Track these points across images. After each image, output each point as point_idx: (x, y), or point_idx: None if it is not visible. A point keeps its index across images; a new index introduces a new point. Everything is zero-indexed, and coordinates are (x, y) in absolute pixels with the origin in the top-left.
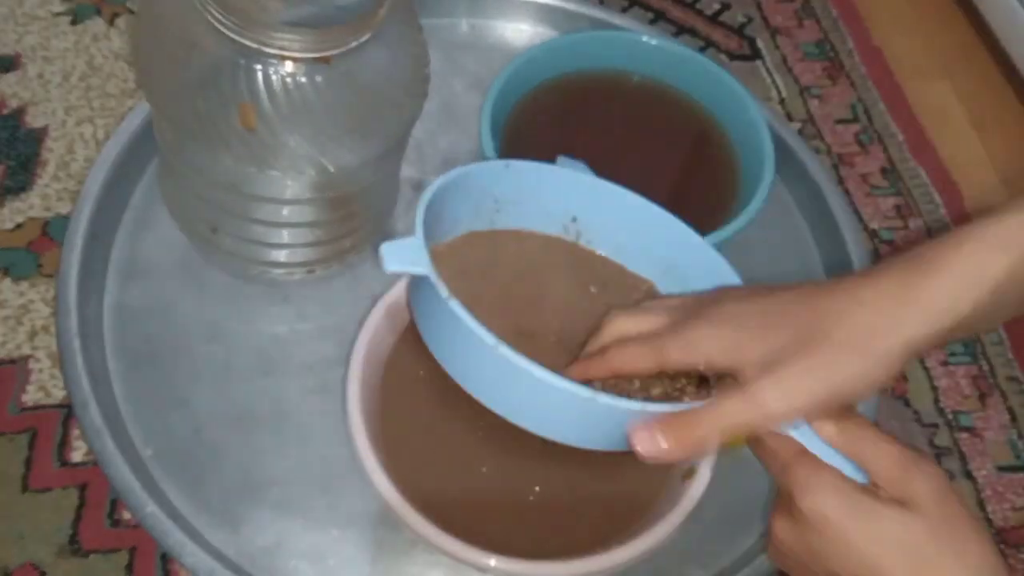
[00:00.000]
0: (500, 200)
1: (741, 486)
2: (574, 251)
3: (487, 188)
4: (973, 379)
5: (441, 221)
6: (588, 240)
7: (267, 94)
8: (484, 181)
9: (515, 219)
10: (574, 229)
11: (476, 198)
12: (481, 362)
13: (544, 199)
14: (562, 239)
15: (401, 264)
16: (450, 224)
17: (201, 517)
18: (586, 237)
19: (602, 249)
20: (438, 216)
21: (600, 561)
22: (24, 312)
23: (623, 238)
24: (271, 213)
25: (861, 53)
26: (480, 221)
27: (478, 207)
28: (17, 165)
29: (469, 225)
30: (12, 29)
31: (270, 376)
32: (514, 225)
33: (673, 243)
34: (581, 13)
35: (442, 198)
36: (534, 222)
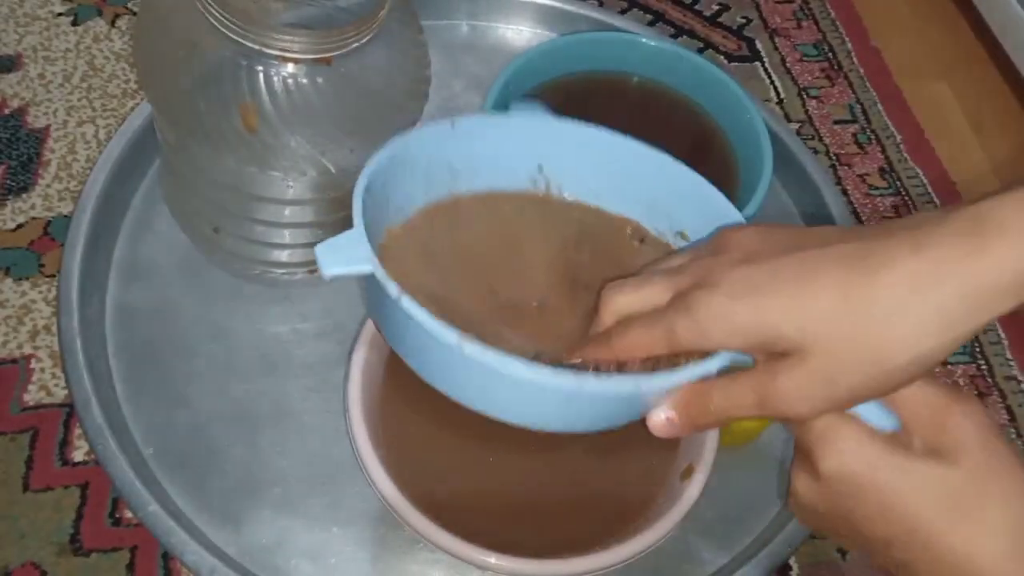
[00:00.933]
0: (454, 165)
1: (740, 485)
2: (546, 203)
3: (436, 155)
4: (971, 378)
5: (391, 202)
6: (559, 188)
7: (268, 95)
8: (430, 148)
9: (476, 181)
10: (542, 180)
11: (426, 168)
12: (450, 362)
13: (503, 153)
14: (531, 193)
15: (341, 265)
16: (403, 202)
17: (202, 516)
18: (556, 185)
19: (576, 195)
20: (385, 199)
21: (599, 559)
22: (26, 312)
23: (597, 180)
24: (272, 213)
25: (859, 54)
26: (437, 191)
27: (430, 177)
28: (18, 165)
29: (425, 198)
30: (13, 29)
31: (271, 375)
32: (476, 188)
33: (653, 176)
34: (580, 14)
35: (384, 178)
36: (497, 181)
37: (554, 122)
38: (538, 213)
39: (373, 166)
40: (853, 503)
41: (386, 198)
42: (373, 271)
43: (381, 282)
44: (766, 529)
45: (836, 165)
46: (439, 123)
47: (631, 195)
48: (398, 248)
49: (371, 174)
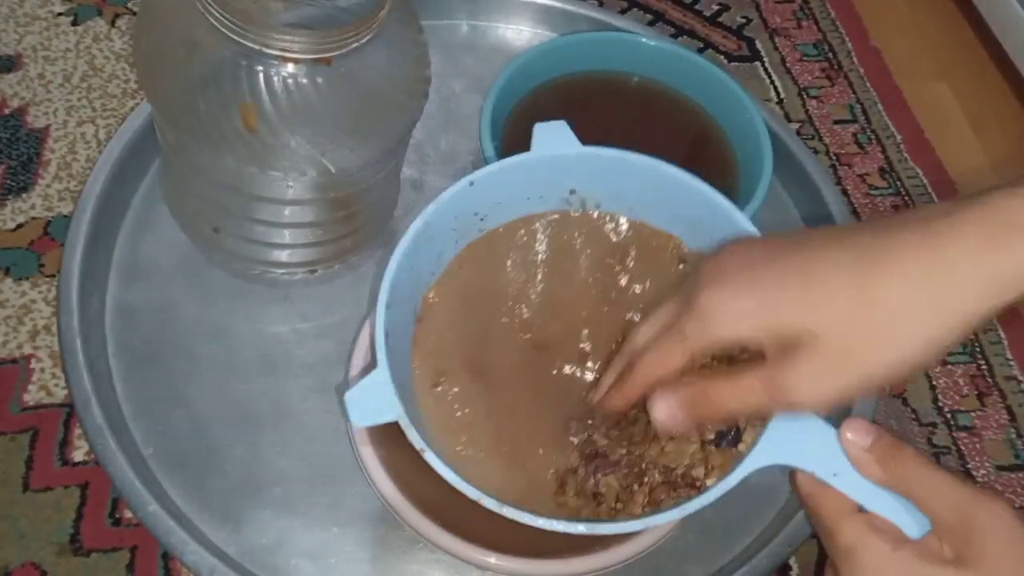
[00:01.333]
0: (481, 212)
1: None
2: (584, 219)
3: (461, 211)
4: (971, 378)
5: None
6: (596, 205)
7: (268, 95)
8: (453, 209)
9: (506, 215)
10: (577, 200)
11: (452, 225)
12: None
13: (530, 189)
14: (565, 213)
15: (369, 416)
16: (433, 264)
17: (202, 516)
18: (592, 203)
19: (616, 209)
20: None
21: (600, 559)
22: (26, 312)
23: (632, 199)
24: (272, 213)
25: (859, 54)
26: (467, 237)
27: (459, 231)
28: (18, 165)
29: (456, 248)
30: (13, 29)
31: (271, 375)
32: (507, 219)
33: (690, 201)
34: (580, 14)
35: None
36: (529, 209)
37: (579, 149)
38: (573, 230)
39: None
40: None
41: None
42: (399, 420)
43: (407, 433)
44: (766, 529)
45: (836, 165)
46: (457, 186)
47: (671, 214)
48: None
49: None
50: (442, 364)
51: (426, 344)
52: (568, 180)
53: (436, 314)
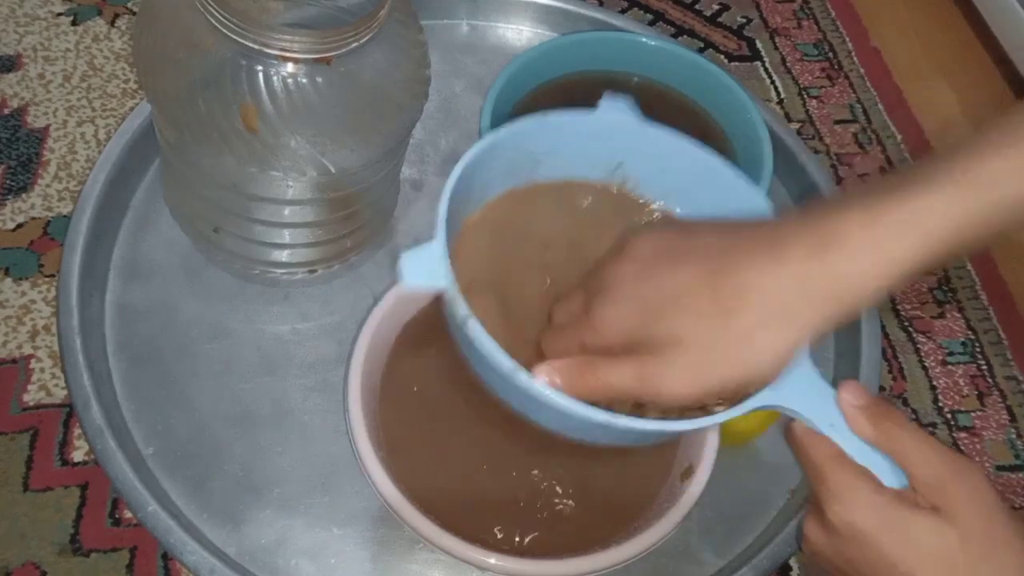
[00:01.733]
0: (538, 154)
1: (739, 486)
2: (620, 198)
3: (522, 147)
4: (972, 378)
5: (471, 192)
6: (635, 186)
7: (268, 95)
8: (517, 141)
9: (556, 169)
10: (620, 174)
11: (510, 159)
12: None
13: (587, 146)
14: (607, 187)
15: (422, 278)
16: (481, 191)
17: (202, 516)
18: (633, 181)
19: (650, 195)
20: (466, 191)
21: (599, 560)
22: (25, 312)
23: (672, 184)
24: (272, 213)
25: (860, 54)
26: (517, 178)
27: (513, 167)
28: (18, 165)
29: (503, 185)
30: (13, 29)
31: (271, 375)
32: (555, 176)
33: (725, 191)
34: (580, 14)
35: (469, 175)
36: (577, 170)
37: (640, 124)
38: (609, 206)
39: (462, 167)
40: (857, 551)
41: (466, 192)
42: (447, 289)
43: (452, 302)
44: (766, 529)
45: (837, 165)
46: (530, 119)
47: (701, 204)
48: (472, 236)
49: (460, 175)
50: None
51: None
52: (620, 149)
53: (472, 237)
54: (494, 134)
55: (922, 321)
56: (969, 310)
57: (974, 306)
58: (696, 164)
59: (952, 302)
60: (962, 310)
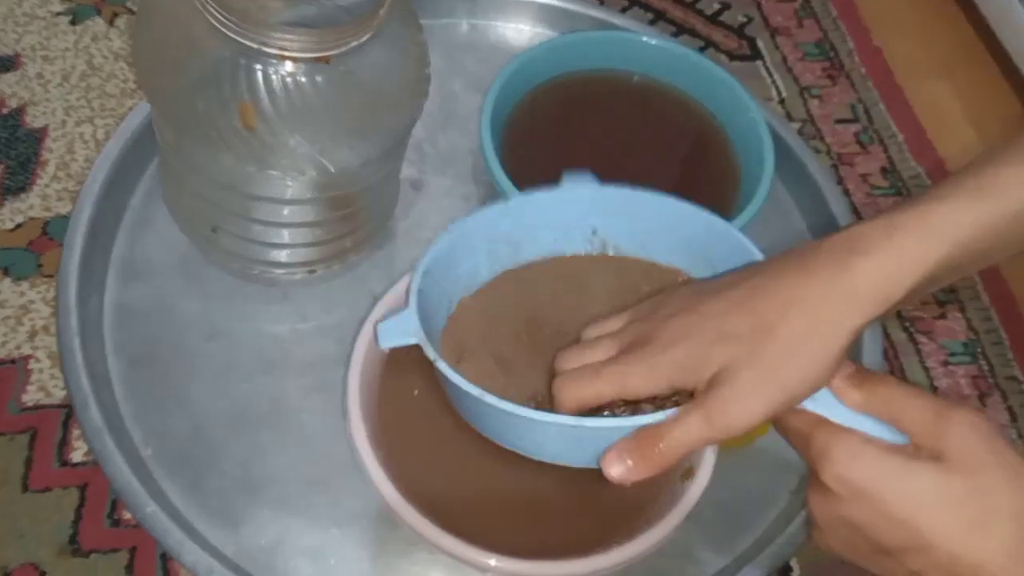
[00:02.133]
0: (513, 238)
1: (740, 486)
2: (604, 261)
3: (495, 232)
4: (973, 379)
5: (459, 276)
6: (615, 247)
7: (267, 94)
8: (488, 227)
9: (536, 249)
10: (598, 241)
11: (488, 245)
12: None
13: (558, 222)
14: (589, 254)
15: (395, 339)
16: (470, 275)
17: (201, 516)
18: (612, 245)
19: (630, 251)
20: (454, 274)
21: (599, 561)
22: (24, 312)
23: (646, 237)
24: (271, 213)
25: (861, 53)
26: (501, 263)
27: (493, 252)
28: (17, 165)
29: (491, 271)
30: (12, 29)
31: (270, 375)
32: (537, 255)
33: (696, 231)
34: (581, 13)
35: (447, 259)
36: (556, 246)
37: (604, 190)
38: (597, 269)
39: (433, 253)
40: (859, 511)
41: (454, 274)
42: (419, 342)
43: (423, 348)
44: (767, 530)
45: (838, 165)
46: (493, 206)
47: (679, 248)
48: (467, 314)
49: (431, 260)
50: (467, 345)
51: (455, 331)
52: (590, 217)
53: (466, 319)
54: (461, 223)
55: (923, 322)
56: (970, 310)
57: (975, 306)
58: (662, 212)
59: (953, 302)
60: (963, 310)
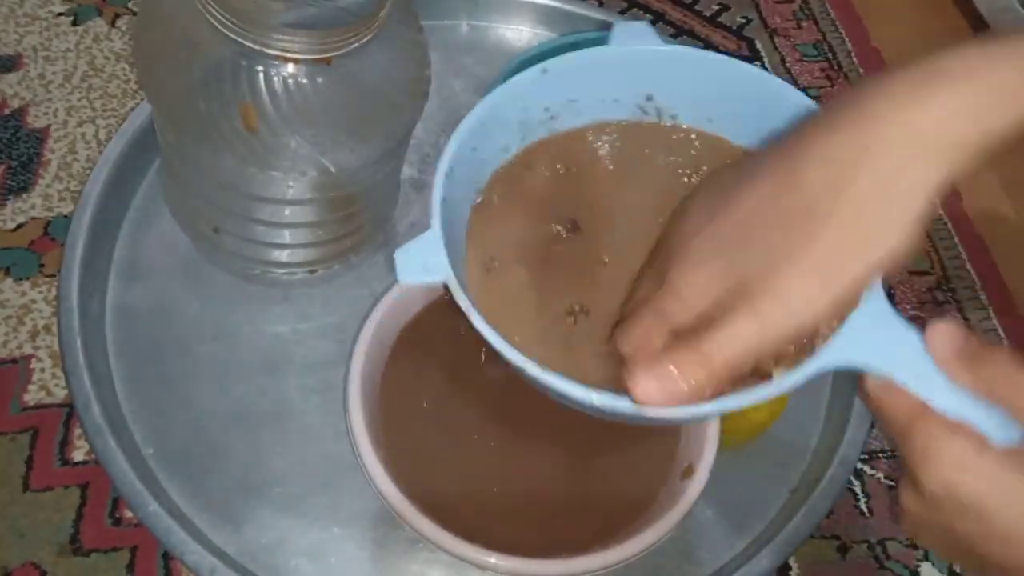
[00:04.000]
0: (551, 108)
1: (740, 486)
2: (659, 130)
3: (530, 103)
4: None
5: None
6: (673, 116)
7: (268, 95)
8: (522, 99)
9: (577, 119)
10: (652, 108)
11: (520, 117)
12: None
13: (605, 89)
14: (640, 123)
15: (418, 275)
16: (498, 155)
17: (203, 516)
18: (669, 113)
19: (693, 122)
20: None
21: (599, 559)
22: (26, 312)
23: (713, 108)
24: (273, 213)
25: (859, 54)
26: (535, 133)
27: (526, 123)
28: (18, 165)
29: (522, 143)
30: (13, 29)
31: (272, 375)
32: (578, 124)
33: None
34: (580, 14)
35: (472, 144)
36: (602, 114)
37: (659, 49)
38: (650, 141)
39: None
40: (960, 522)
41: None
42: (447, 282)
43: (453, 294)
44: (766, 529)
45: None
46: (528, 74)
47: (750, 125)
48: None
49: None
50: (495, 252)
51: (481, 232)
52: (645, 84)
53: (494, 214)
54: (488, 99)
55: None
56: (969, 310)
57: (974, 306)
58: (734, 78)
59: (952, 302)
60: (962, 310)
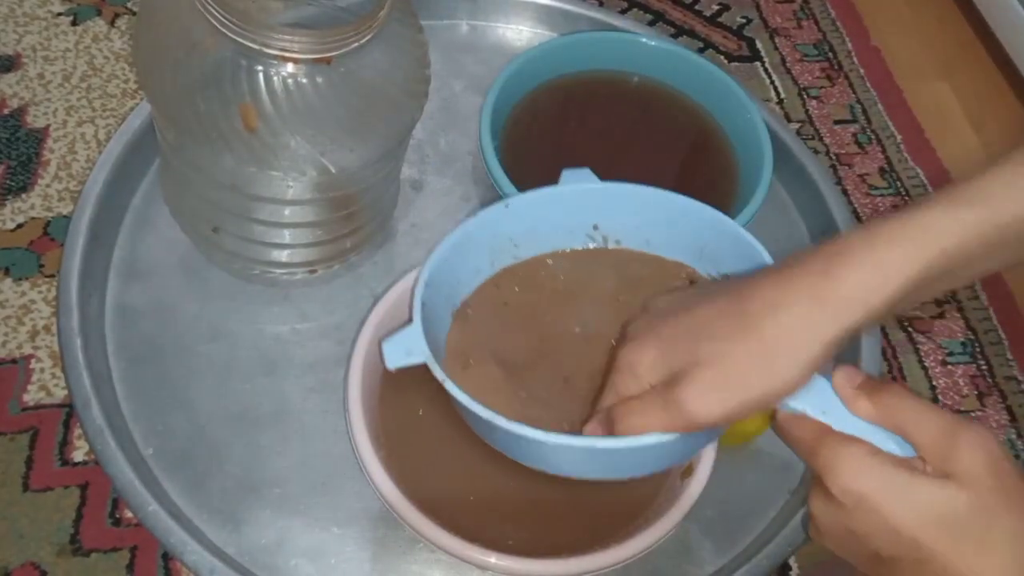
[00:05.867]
0: (514, 238)
1: (739, 486)
2: (605, 254)
3: (496, 232)
4: (972, 379)
5: (460, 281)
6: (616, 241)
7: (268, 95)
8: (489, 229)
9: (537, 247)
10: (599, 236)
11: (489, 245)
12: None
13: (559, 220)
14: (589, 250)
15: (402, 359)
16: (471, 275)
17: (202, 516)
18: (613, 239)
19: (633, 245)
20: (454, 279)
21: (599, 559)
22: (25, 312)
23: (650, 232)
24: (272, 213)
25: (859, 54)
26: (502, 261)
27: (494, 251)
28: (18, 165)
29: (492, 269)
30: (12, 29)
31: (271, 375)
32: (538, 252)
33: (700, 227)
34: (580, 14)
35: (449, 265)
36: (557, 243)
37: (604, 187)
38: (599, 263)
39: (434, 262)
40: (860, 520)
41: (456, 277)
42: (426, 361)
43: (432, 369)
44: (766, 529)
45: (836, 165)
46: (493, 207)
47: (683, 244)
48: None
49: (433, 269)
50: (473, 354)
51: (460, 335)
52: (591, 213)
53: (471, 323)
54: (462, 227)
55: (922, 321)
56: (969, 310)
57: (974, 306)
58: (662, 207)
59: (952, 302)
60: (962, 310)
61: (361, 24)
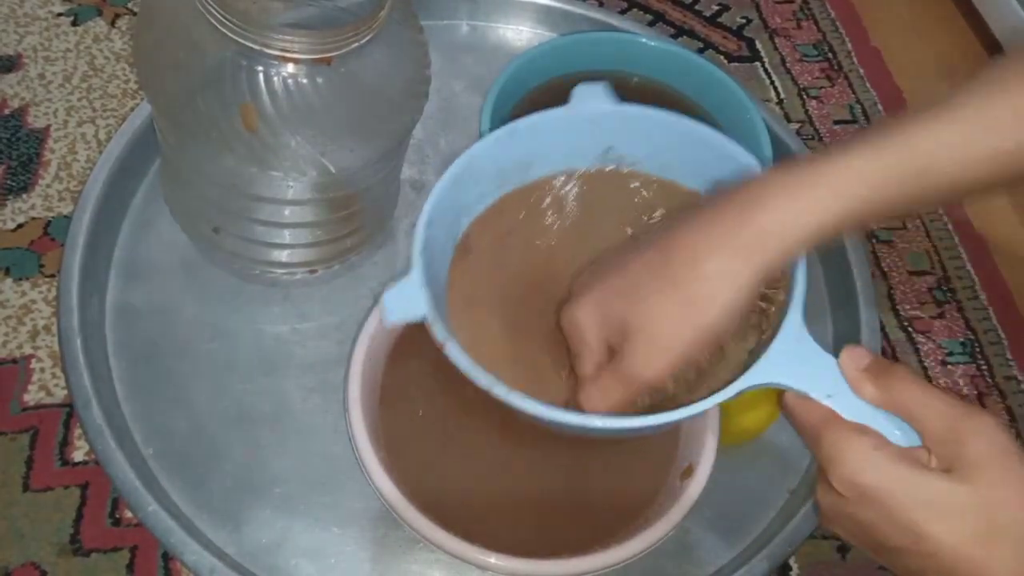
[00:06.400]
0: (523, 160)
1: (740, 486)
2: (617, 179)
3: (503, 157)
4: (971, 379)
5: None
6: (632, 164)
7: (268, 95)
8: (495, 154)
9: (547, 167)
10: (613, 157)
11: (496, 169)
12: None
13: (570, 142)
14: (601, 171)
15: (401, 315)
16: (476, 203)
17: (202, 516)
18: (628, 162)
19: (649, 169)
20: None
21: (599, 559)
22: (26, 312)
23: (667, 156)
24: (273, 213)
25: (859, 54)
26: (511, 183)
27: (503, 174)
28: (18, 165)
29: (500, 191)
30: (13, 30)
31: (271, 375)
32: (549, 172)
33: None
34: (580, 14)
35: (452, 194)
36: (569, 163)
37: (616, 107)
38: (611, 186)
39: (436, 197)
40: (866, 513)
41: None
42: (427, 318)
43: (432, 327)
44: (766, 529)
45: None
46: (497, 133)
47: (696, 171)
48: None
49: (434, 207)
50: (475, 292)
51: (463, 269)
52: (605, 137)
53: (474, 250)
54: (465, 156)
55: (922, 321)
56: (968, 310)
57: (974, 306)
58: (682, 134)
59: (952, 302)
60: (961, 310)
61: (361, 24)
